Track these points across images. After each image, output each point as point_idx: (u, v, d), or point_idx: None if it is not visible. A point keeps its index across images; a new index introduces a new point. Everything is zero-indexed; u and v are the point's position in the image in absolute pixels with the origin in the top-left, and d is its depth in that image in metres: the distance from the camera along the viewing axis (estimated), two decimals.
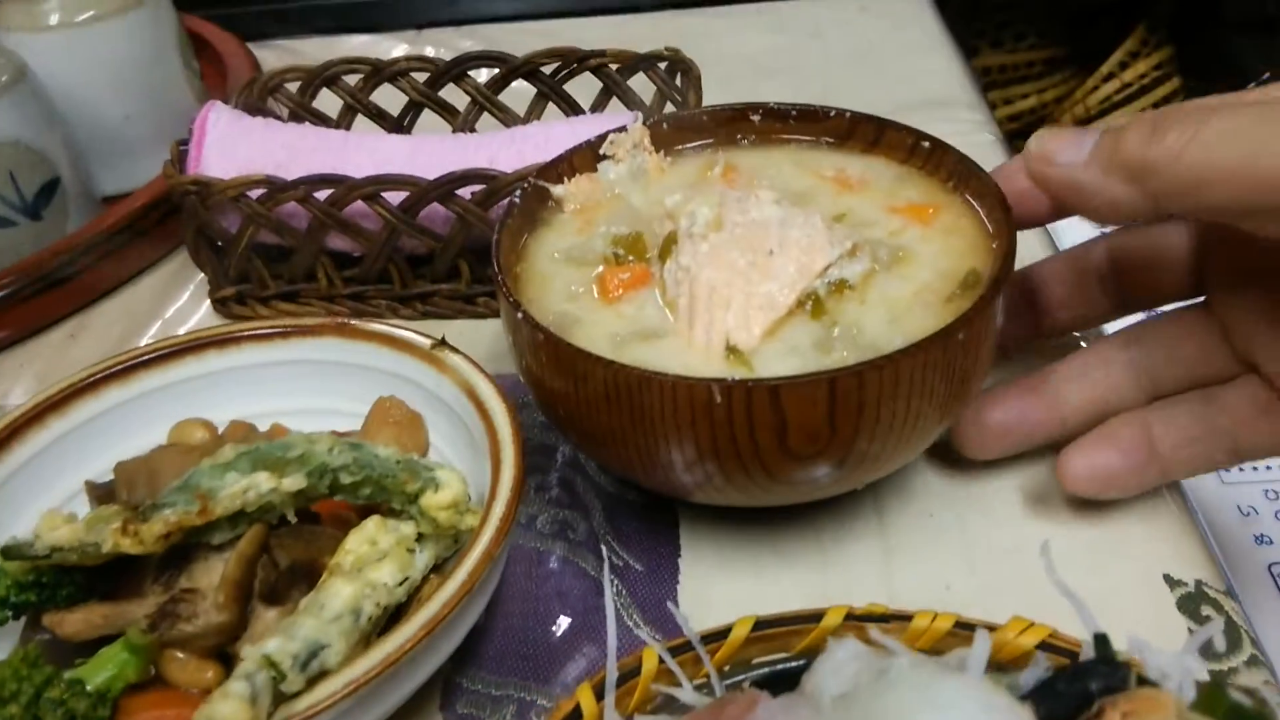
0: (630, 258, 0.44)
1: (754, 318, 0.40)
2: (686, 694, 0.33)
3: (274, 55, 0.90)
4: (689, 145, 0.52)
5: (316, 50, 0.91)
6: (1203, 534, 0.47)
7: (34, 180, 0.64)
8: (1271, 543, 0.54)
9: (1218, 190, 0.34)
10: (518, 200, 0.46)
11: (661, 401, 0.36)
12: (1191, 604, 0.41)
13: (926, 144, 0.48)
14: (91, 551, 0.37)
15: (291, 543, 0.39)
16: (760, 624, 0.36)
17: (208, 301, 0.63)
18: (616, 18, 0.92)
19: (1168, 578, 0.42)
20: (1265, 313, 0.41)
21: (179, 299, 0.65)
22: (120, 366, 0.47)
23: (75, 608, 0.38)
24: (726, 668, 0.36)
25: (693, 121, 0.52)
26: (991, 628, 0.35)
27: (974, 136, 0.71)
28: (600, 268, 0.44)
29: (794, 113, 0.52)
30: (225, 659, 0.38)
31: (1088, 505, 0.45)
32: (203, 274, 0.63)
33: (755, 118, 0.52)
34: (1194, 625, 0.41)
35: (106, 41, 0.70)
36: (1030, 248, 0.61)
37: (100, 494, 0.43)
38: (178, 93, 0.75)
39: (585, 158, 0.50)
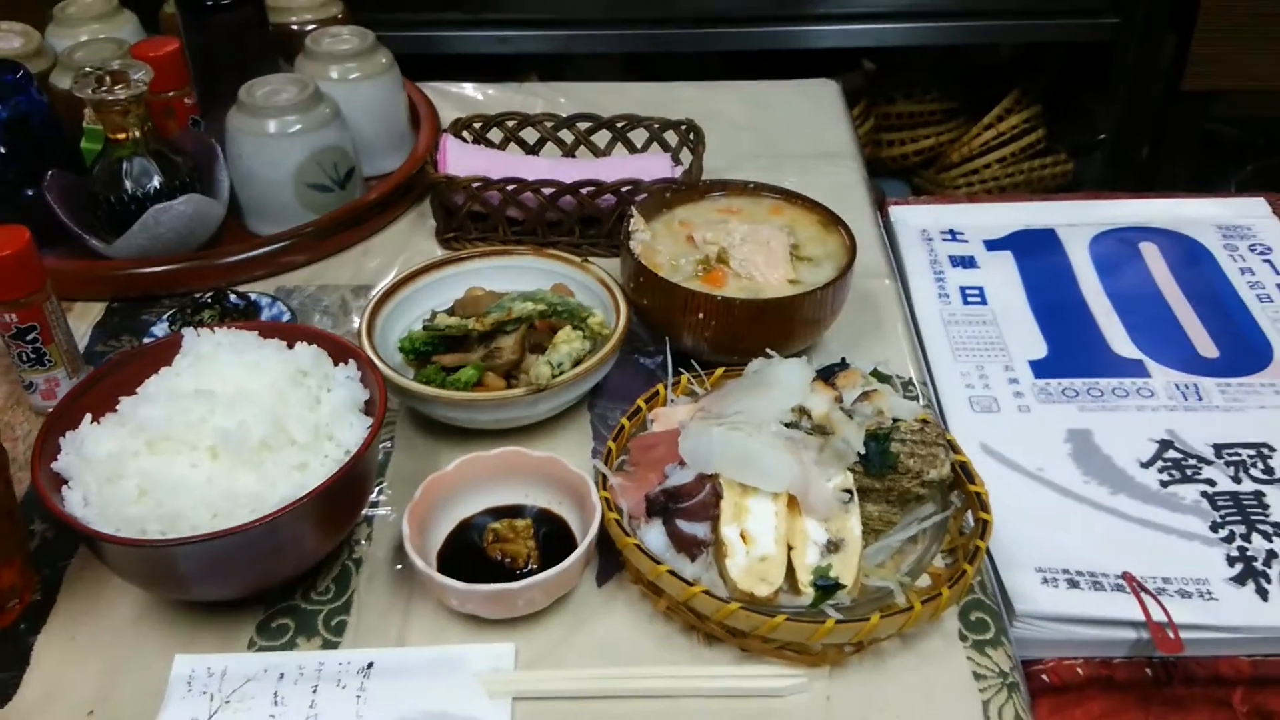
0: (708, 266, 0.95)
1: (784, 268, 0.94)
2: (698, 392, 0.89)
3: (433, 93, 1.43)
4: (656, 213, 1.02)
5: (461, 91, 1.46)
6: (925, 365, 1.03)
7: (343, 168, 1.17)
8: (972, 387, 1.09)
9: None
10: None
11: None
12: (905, 385, 0.98)
13: (751, 184, 1.04)
14: (461, 329, 0.91)
15: (534, 334, 0.94)
16: (726, 371, 0.91)
17: (435, 240, 1.18)
18: (649, 84, 1.47)
19: (898, 376, 0.98)
20: None
21: (418, 238, 1.19)
22: (436, 262, 1.01)
23: (447, 355, 0.93)
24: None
25: (653, 202, 1.02)
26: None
27: (849, 176, 1.28)
28: (694, 276, 0.94)
29: (679, 187, 1.05)
30: (508, 379, 0.92)
31: (866, 340, 1.02)
32: (433, 223, 1.18)
33: (670, 193, 1.03)
34: (904, 390, 0.97)
35: (372, 90, 1.23)
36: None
37: (443, 313, 0.97)
38: (400, 120, 1.29)
39: (625, 227, 0.98)
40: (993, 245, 1.25)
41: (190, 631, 0.78)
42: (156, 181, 1.08)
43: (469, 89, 1.49)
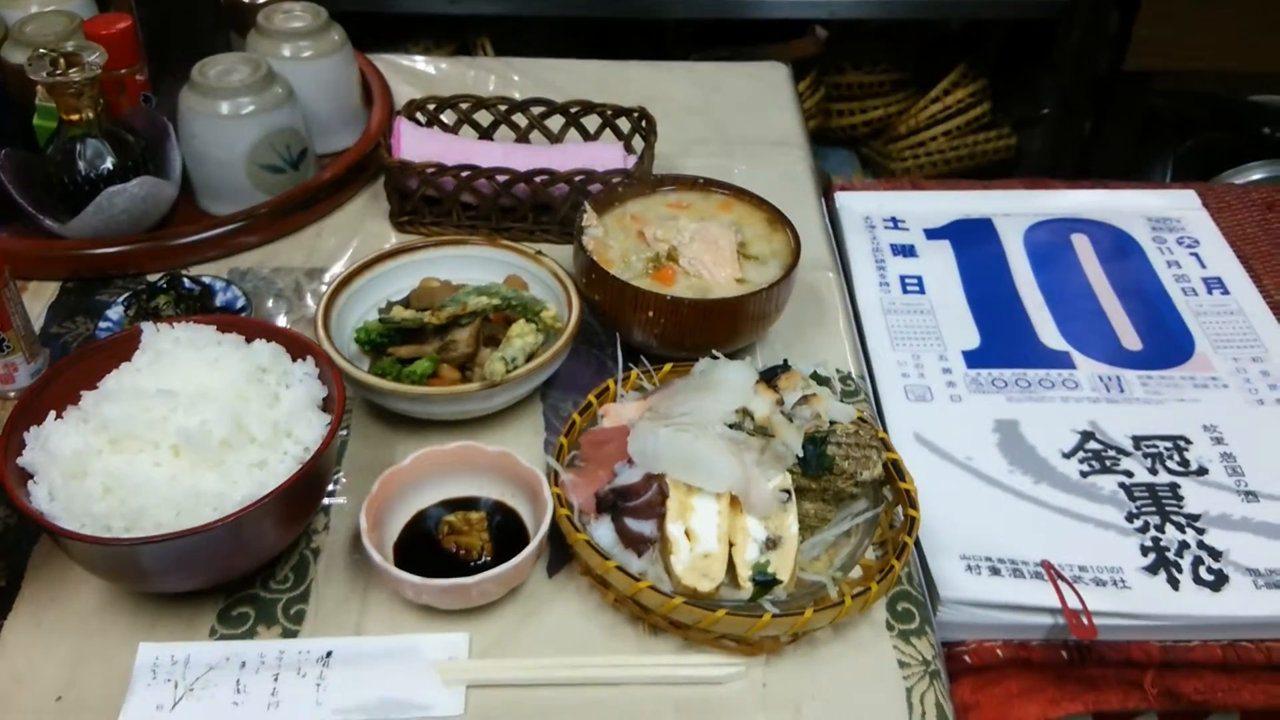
0: (658, 264, 0.98)
1: (732, 267, 0.97)
2: (647, 388, 0.92)
3: (385, 67, 1.44)
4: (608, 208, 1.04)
5: (413, 65, 1.47)
6: (864, 356, 1.08)
7: (295, 149, 1.18)
8: (908, 376, 1.14)
9: None
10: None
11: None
12: (844, 379, 1.02)
13: (700, 180, 1.07)
14: (417, 321, 0.94)
15: (489, 326, 0.96)
16: (674, 367, 0.94)
17: (389, 222, 1.19)
18: (602, 62, 1.49)
19: (837, 370, 1.03)
20: None
21: (372, 219, 1.21)
22: (390, 251, 1.03)
23: (403, 346, 0.95)
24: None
25: (606, 196, 1.04)
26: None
27: (797, 165, 1.31)
28: (645, 273, 0.97)
29: (631, 181, 1.07)
30: (463, 371, 0.95)
31: (809, 333, 1.06)
32: (387, 206, 1.19)
33: (621, 187, 1.06)
34: (842, 384, 1.01)
35: (325, 69, 1.24)
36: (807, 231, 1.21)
37: (397, 304, 0.99)
38: (353, 98, 1.30)
39: (578, 222, 0.99)
40: (932, 234, 1.29)
41: (153, 618, 0.81)
42: (110, 163, 1.08)
43: (420, 62, 1.49)
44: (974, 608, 0.88)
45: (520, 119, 1.25)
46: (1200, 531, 0.94)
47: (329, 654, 0.78)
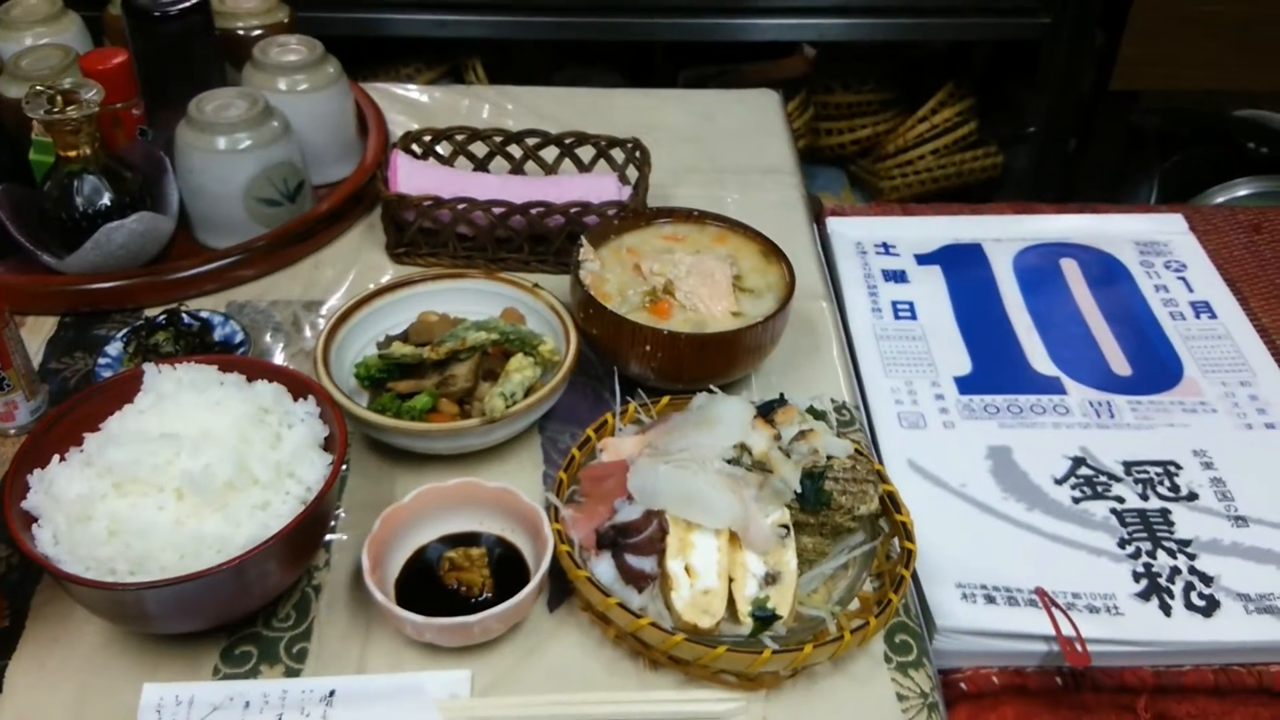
0: (655, 297, 0.99)
1: (727, 301, 0.99)
2: (644, 420, 0.93)
3: (378, 95, 1.45)
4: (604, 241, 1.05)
5: (407, 94, 1.48)
6: (857, 383, 1.09)
7: (292, 182, 1.19)
8: (901, 403, 1.15)
9: None
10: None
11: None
12: (839, 409, 1.03)
13: (695, 212, 1.09)
14: (416, 357, 0.95)
15: (487, 360, 0.97)
16: (672, 400, 0.95)
17: (385, 253, 1.20)
18: (592, 90, 1.50)
19: (832, 400, 1.04)
20: None
21: (369, 250, 1.22)
22: (388, 285, 1.04)
23: (402, 381, 0.96)
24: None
25: (602, 229, 1.05)
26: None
27: (789, 193, 1.32)
28: (642, 306, 0.98)
29: (624, 214, 1.09)
30: (462, 405, 0.96)
31: (803, 363, 1.07)
32: (384, 237, 1.20)
33: (617, 220, 1.08)
34: (837, 415, 1.02)
35: (320, 101, 1.24)
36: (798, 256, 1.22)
37: (395, 339, 1.00)
38: (349, 129, 1.31)
39: (575, 256, 1.01)
40: (923, 260, 1.31)
41: (156, 658, 0.81)
42: (108, 199, 1.09)
43: (414, 91, 1.50)
44: (970, 636, 0.89)
45: (515, 150, 1.27)
46: (1191, 557, 0.95)
47: (332, 693, 0.78)
